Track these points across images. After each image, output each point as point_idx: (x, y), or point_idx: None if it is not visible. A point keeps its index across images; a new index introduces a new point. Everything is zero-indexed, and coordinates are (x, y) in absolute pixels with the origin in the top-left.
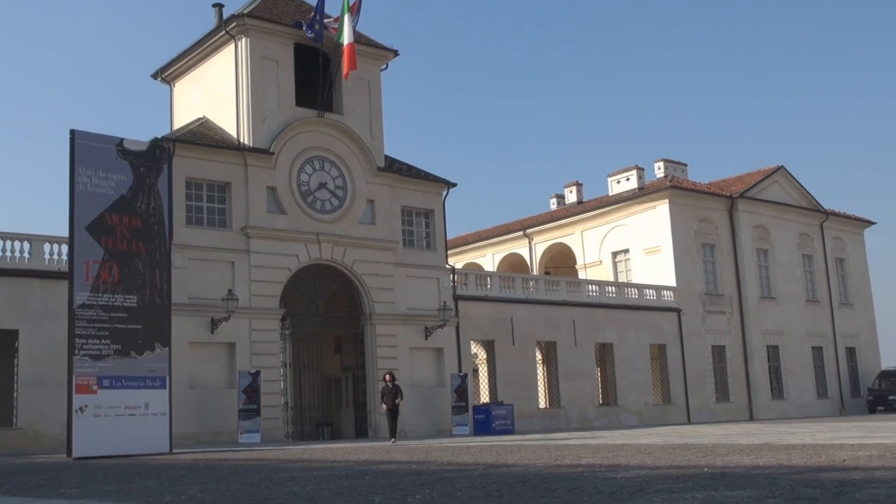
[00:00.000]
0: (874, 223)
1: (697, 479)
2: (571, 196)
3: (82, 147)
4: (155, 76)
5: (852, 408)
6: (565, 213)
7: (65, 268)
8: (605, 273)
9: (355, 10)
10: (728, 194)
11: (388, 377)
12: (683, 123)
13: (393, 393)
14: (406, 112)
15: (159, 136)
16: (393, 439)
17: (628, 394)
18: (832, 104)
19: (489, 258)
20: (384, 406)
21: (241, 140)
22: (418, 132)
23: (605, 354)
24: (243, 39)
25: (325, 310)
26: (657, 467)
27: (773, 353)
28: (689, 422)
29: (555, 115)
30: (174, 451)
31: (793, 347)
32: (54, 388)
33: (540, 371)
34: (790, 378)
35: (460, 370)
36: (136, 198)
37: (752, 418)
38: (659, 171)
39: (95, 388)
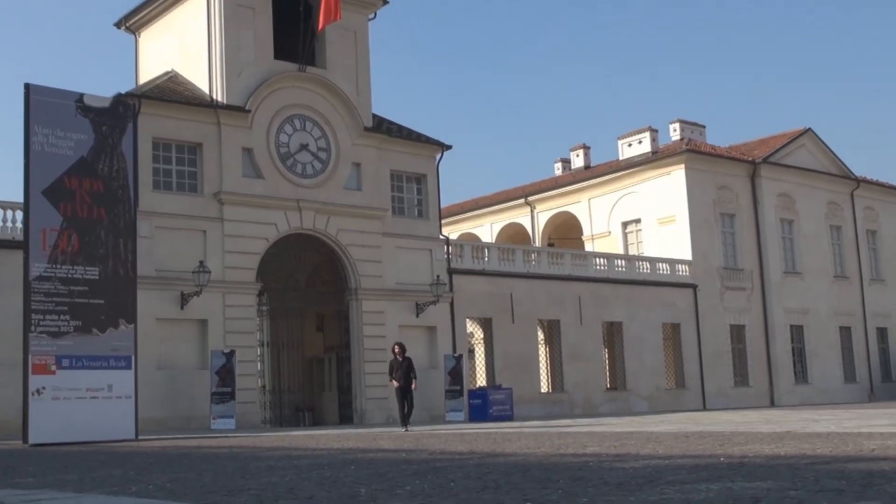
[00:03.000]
0: None
1: (713, 470)
2: (578, 160)
3: (38, 103)
4: (118, 25)
5: (883, 393)
6: (571, 178)
7: (19, 236)
8: (614, 245)
9: None
10: (750, 159)
11: (396, 349)
12: (701, 82)
13: (404, 368)
14: (396, 66)
15: (123, 92)
16: (405, 427)
17: (638, 377)
18: (865, 61)
19: (487, 228)
20: (394, 383)
21: (214, 96)
22: (410, 89)
23: (613, 334)
24: None
25: (307, 284)
26: (669, 457)
27: (796, 333)
28: (704, 408)
29: (561, 72)
30: (140, 437)
31: (818, 327)
32: (8, 369)
33: (542, 352)
34: (815, 361)
35: (455, 351)
36: (97, 159)
37: (773, 404)
38: (674, 133)
39: (54, 368)
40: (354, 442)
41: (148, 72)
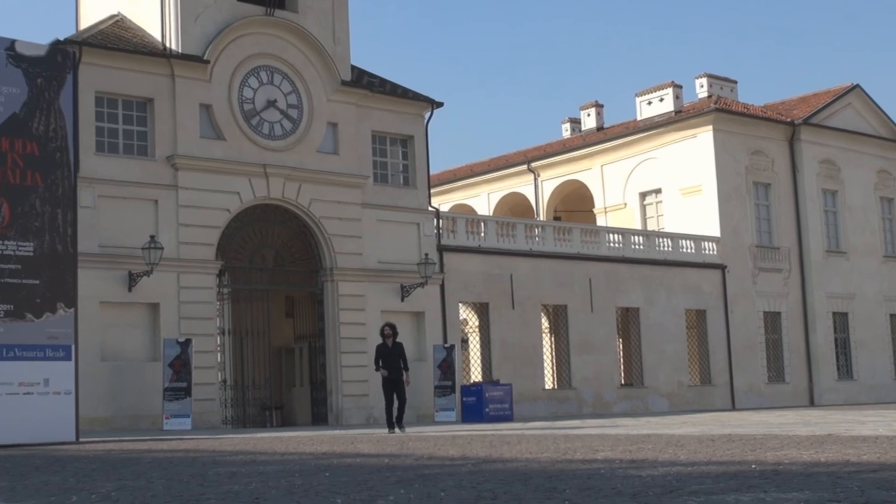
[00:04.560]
0: None
1: (743, 479)
2: (589, 121)
3: None
4: None
5: None
6: (581, 142)
7: None
8: (630, 219)
9: None
10: (788, 120)
11: (387, 330)
12: (732, 30)
13: (395, 354)
14: (379, 11)
15: (62, 38)
16: (393, 428)
17: (657, 372)
18: None
19: (484, 198)
20: (383, 372)
21: (167, 44)
22: (395, 37)
23: (628, 322)
24: None
25: (275, 263)
26: (692, 463)
27: (840, 321)
28: (733, 407)
29: (569, 18)
30: (82, 439)
31: (866, 315)
32: None
33: (546, 342)
34: (862, 353)
35: (446, 340)
36: (31, 117)
37: (812, 403)
38: (701, 89)
39: None
40: (329, 445)
41: (90, 15)
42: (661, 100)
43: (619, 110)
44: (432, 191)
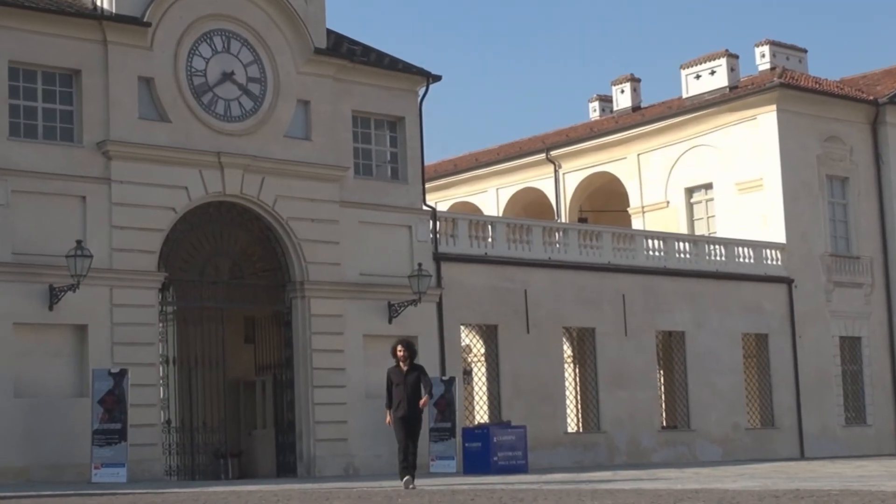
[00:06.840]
0: None
1: None
2: (623, 99)
3: None
4: None
5: None
6: (613, 125)
7: None
8: (673, 221)
9: None
10: (871, 98)
11: (400, 350)
12: None
13: (410, 384)
14: None
15: None
16: (406, 478)
17: (708, 411)
18: None
19: (491, 195)
20: (388, 416)
21: (99, 3)
22: None
23: (672, 349)
24: None
25: (231, 275)
26: None
27: None
28: (801, 456)
29: None
30: None
31: None
32: None
33: (569, 374)
34: None
35: (444, 372)
36: None
37: None
38: (762, 60)
39: None
40: (299, 502)
41: None
42: (713, 73)
43: (660, 86)
44: (427, 186)
